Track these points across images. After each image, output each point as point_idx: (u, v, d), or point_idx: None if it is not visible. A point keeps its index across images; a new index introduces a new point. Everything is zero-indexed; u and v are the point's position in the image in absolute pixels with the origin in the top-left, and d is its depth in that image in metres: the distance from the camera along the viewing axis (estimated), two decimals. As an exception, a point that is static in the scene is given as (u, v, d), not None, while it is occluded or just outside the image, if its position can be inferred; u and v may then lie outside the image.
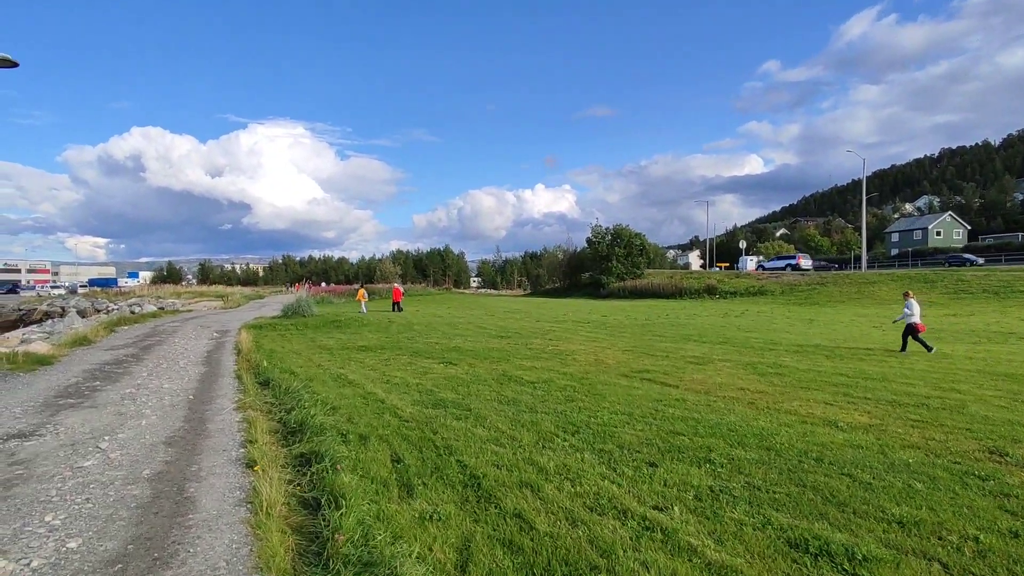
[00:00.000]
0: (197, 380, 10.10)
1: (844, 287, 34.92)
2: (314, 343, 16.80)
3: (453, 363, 12.30)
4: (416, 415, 7.54)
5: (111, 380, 9.86)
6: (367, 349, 15.08)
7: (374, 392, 9.12)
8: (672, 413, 7.53)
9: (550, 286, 62.77)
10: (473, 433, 6.60)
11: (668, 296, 40.99)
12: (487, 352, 13.98)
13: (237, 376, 10.42)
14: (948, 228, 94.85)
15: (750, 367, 11.59)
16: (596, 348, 14.82)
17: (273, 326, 21.40)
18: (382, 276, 68.44)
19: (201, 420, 7.05)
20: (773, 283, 39.20)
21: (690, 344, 15.78)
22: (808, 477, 5.09)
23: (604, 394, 8.80)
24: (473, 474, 5.24)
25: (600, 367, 11.72)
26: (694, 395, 8.83)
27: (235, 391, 9.06)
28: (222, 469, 5.20)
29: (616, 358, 13.01)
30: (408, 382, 10.06)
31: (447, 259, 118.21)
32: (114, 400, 8.17)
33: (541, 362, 12.39)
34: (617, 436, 6.42)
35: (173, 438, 6.20)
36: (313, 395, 8.41)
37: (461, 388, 9.41)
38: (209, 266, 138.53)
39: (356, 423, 7.07)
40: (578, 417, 7.31)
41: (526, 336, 17.87)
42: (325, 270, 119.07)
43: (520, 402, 8.26)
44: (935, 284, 31.63)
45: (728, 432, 6.60)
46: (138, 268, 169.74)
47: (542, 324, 22.77)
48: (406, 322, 23.35)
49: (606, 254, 49.21)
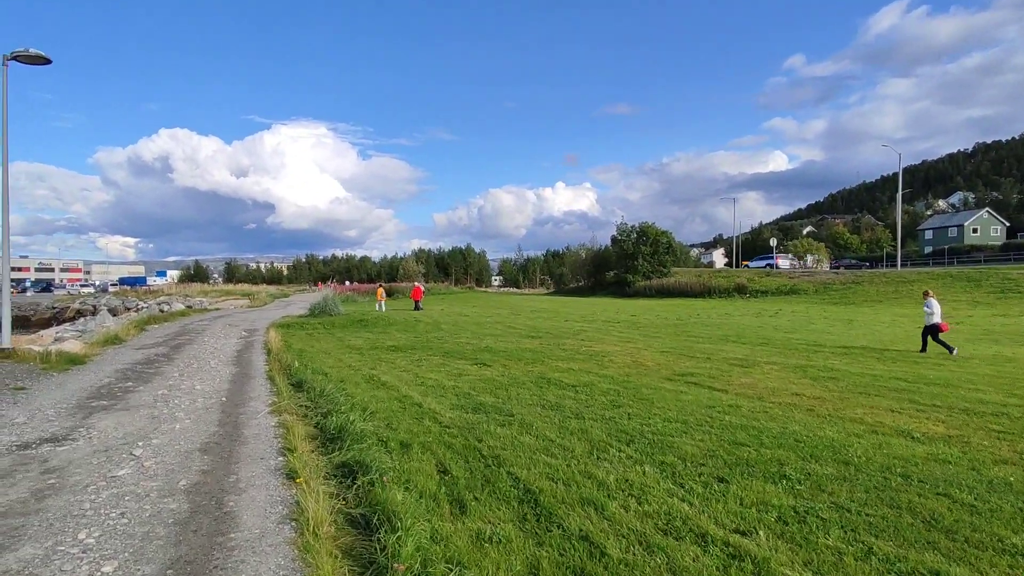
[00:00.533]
0: (229, 381, 9.89)
1: (880, 286, 33.76)
2: (343, 343, 16.59)
3: (487, 364, 11.94)
4: (457, 420, 7.18)
5: (143, 381, 9.71)
6: (397, 349, 14.80)
7: (410, 395, 8.79)
8: (729, 421, 7.06)
9: (574, 285, 62.13)
10: (520, 441, 6.21)
11: (696, 295, 40.14)
12: (520, 353, 13.60)
13: (269, 377, 10.20)
14: (985, 225, 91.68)
15: (799, 370, 11.02)
16: (632, 349, 14.34)
17: (300, 325, 21.31)
18: (405, 275, 68.48)
19: (236, 424, 6.78)
20: (805, 282, 38.10)
21: (730, 345, 15.20)
22: (900, 497, 4.59)
23: (652, 399, 8.35)
24: (527, 488, 4.85)
25: (640, 369, 11.25)
26: (747, 401, 8.33)
27: (268, 393, 8.82)
28: (261, 480, 4.89)
29: (655, 360, 12.53)
30: (443, 384, 9.71)
31: (468, 258, 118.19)
32: (147, 402, 7.97)
33: (578, 364, 11.96)
34: (676, 447, 5.97)
35: (208, 444, 5.92)
36: (348, 398, 8.11)
37: (500, 391, 9.04)
38: (235, 265, 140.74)
39: (396, 429, 6.74)
40: (629, 425, 6.88)
41: (558, 336, 17.44)
42: (348, 268, 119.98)
43: (564, 407, 7.86)
44: (979, 283, 30.36)
45: (795, 443, 6.11)
46: (166, 267, 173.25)
47: (571, 324, 22.32)
48: (433, 321, 23.09)
49: (632, 252, 48.45)
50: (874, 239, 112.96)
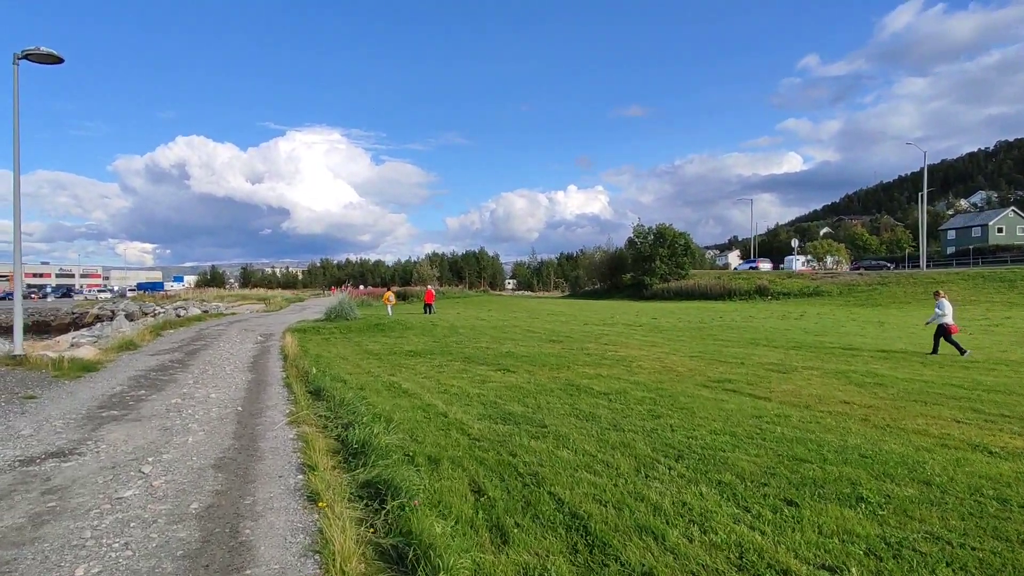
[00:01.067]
0: (245, 389, 9.50)
1: (908, 287, 32.78)
2: (360, 348, 16.20)
3: (510, 370, 11.45)
4: (486, 432, 6.70)
5: (156, 389, 9.34)
6: (416, 354, 14.37)
7: (433, 404, 8.32)
8: (781, 433, 6.50)
9: (590, 287, 61.48)
10: (558, 456, 5.71)
11: (716, 297, 39.34)
12: (543, 358, 13.09)
13: (286, 384, 9.79)
14: (1011, 224, 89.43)
15: (842, 376, 10.41)
16: (659, 354, 13.77)
17: (317, 330, 20.98)
18: (420, 278, 68.26)
19: (252, 437, 6.35)
20: (829, 284, 37.14)
21: (760, 349, 14.57)
22: (1007, 527, 4.02)
23: (692, 408, 7.80)
24: (574, 512, 4.35)
25: (672, 375, 10.70)
26: (794, 410, 7.76)
27: (285, 402, 8.40)
28: (280, 503, 4.44)
29: (686, 365, 11.96)
30: (467, 392, 9.24)
31: (482, 261, 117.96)
32: (159, 412, 7.58)
33: (605, 369, 11.43)
34: (730, 463, 5.44)
35: (223, 460, 5.49)
36: (370, 407, 7.67)
37: (528, 400, 8.54)
38: (250, 270, 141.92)
39: (421, 442, 6.27)
40: (674, 437, 6.34)
41: (579, 340, 16.91)
42: (362, 273, 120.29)
43: (599, 417, 7.34)
44: (1014, 284, 29.29)
45: (861, 459, 5.54)
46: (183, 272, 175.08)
47: (591, 327, 21.77)
48: (450, 326, 22.66)
49: (649, 254, 47.70)
50: (894, 240, 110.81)
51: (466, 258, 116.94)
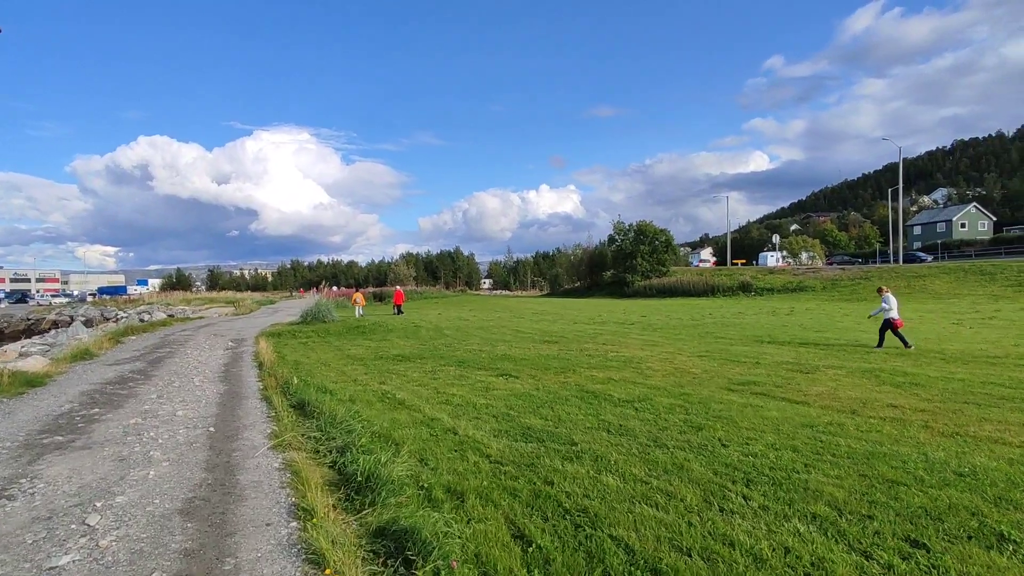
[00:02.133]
0: (217, 403, 8.32)
1: (890, 281, 32.79)
2: (342, 352, 15.02)
3: (513, 376, 10.47)
4: (508, 453, 5.72)
5: (113, 405, 8.10)
6: (404, 359, 13.27)
7: (437, 417, 7.30)
8: (847, 446, 5.67)
9: (569, 286, 60.79)
10: (604, 484, 4.76)
11: (699, 294, 38.96)
12: (544, 361, 12.15)
13: (264, 397, 8.64)
14: (973, 220, 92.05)
15: (871, 376, 9.71)
16: (664, 354, 12.96)
17: (293, 333, 19.67)
18: (396, 278, 66.69)
19: (228, 467, 5.24)
20: (812, 279, 37.07)
21: (769, 347, 13.88)
22: None
23: (731, 417, 6.95)
24: (654, 568, 3.41)
25: (689, 378, 9.86)
26: (843, 416, 6.97)
27: (265, 419, 7.27)
28: (272, 567, 3.39)
29: (698, 366, 11.16)
30: (473, 402, 8.23)
31: (458, 260, 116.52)
32: (114, 436, 6.39)
33: (615, 372, 10.55)
34: (813, 488, 4.56)
35: (193, 502, 4.40)
36: (366, 425, 6.60)
37: (543, 411, 7.58)
38: (218, 272, 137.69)
39: (436, 469, 5.26)
40: (730, 455, 5.46)
41: (575, 340, 16.02)
42: (335, 274, 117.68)
43: (633, 431, 6.42)
44: (995, 277, 29.49)
45: (959, 478, 4.73)
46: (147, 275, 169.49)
47: (581, 326, 20.93)
48: (434, 327, 21.56)
49: (631, 251, 47.15)
50: (862, 236, 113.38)
51: (441, 258, 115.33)
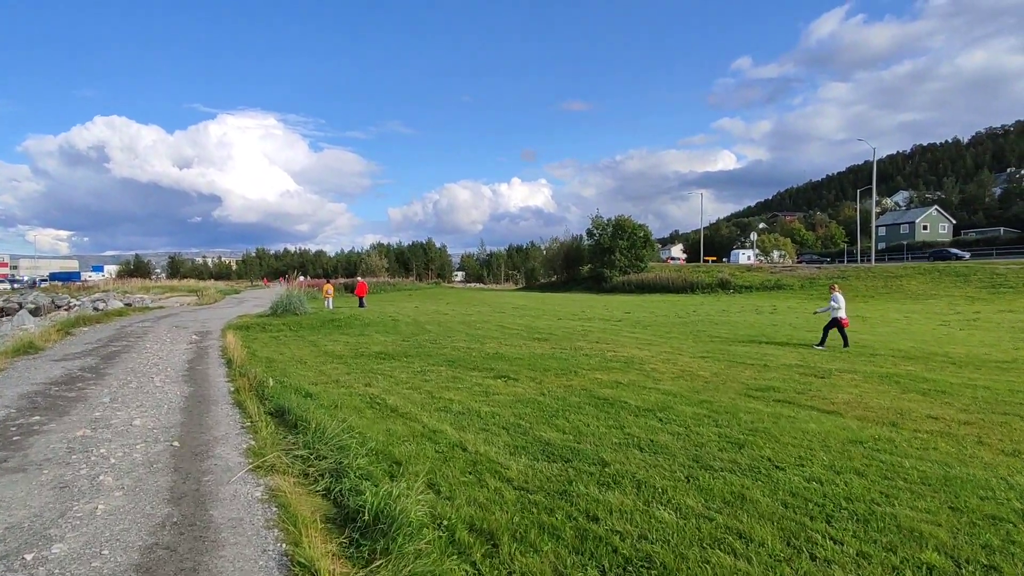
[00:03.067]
0: (181, 409, 7.27)
1: (867, 281, 33.09)
2: (318, 348, 13.95)
3: (511, 377, 9.65)
4: (533, 476, 4.91)
5: (56, 412, 6.98)
6: (388, 357, 12.31)
7: (440, 429, 6.43)
8: (913, 469, 5.04)
9: (545, 280, 60.16)
10: (660, 521, 3.99)
11: (678, 291, 38.74)
12: (539, 361, 11.37)
13: (236, 402, 7.62)
14: (934, 222, 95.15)
15: (890, 381, 9.22)
16: (663, 354, 12.33)
17: (262, 326, 18.42)
18: (368, 269, 65.00)
19: (199, 499, 4.29)
20: (789, 277, 37.22)
21: (768, 347, 13.39)
22: None
23: (766, 430, 6.27)
24: (768, 650, 2.64)
25: (700, 383, 9.21)
26: (882, 429, 6.39)
27: (239, 429, 6.29)
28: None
29: (704, 368, 10.54)
30: (475, 410, 7.38)
31: (430, 252, 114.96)
32: (55, 454, 5.34)
33: (619, 375, 9.83)
34: (906, 527, 3.88)
35: (153, 552, 3.45)
36: (360, 439, 5.70)
37: (558, 420, 6.78)
38: (179, 260, 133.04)
39: (451, 497, 4.41)
40: (790, 480, 4.75)
41: (565, 338, 15.29)
42: (303, 263, 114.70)
43: (666, 447, 5.67)
44: (968, 278, 29.93)
45: (1061, 511, 4.11)
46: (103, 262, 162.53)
47: (568, 322, 20.23)
48: (413, 321, 20.57)
49: (609, 246, 46.72)
50: (828, 235, 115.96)
51: (413, 249, 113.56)
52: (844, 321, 13.32)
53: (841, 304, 13.43)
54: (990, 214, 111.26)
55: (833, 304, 13.51)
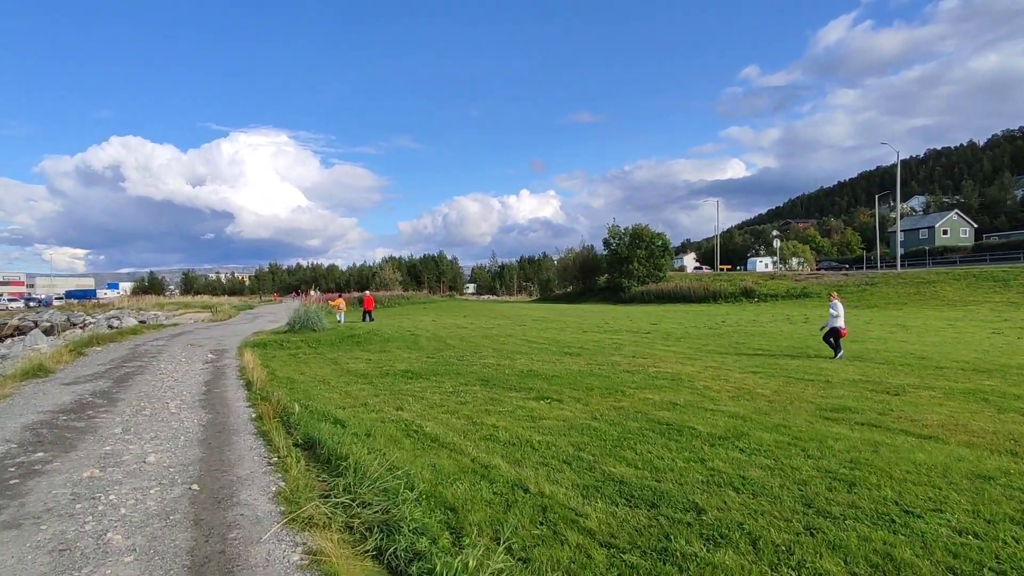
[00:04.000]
0: (199, 441, 6.55)
1: (898, 287, 31.94)
2: (340, 367, 13.24)
3: (554, 399, 8.85)
4: (617, 527, 4.10)
5: (62, 447, 6.27)
6: (415, 376, 11.56)
7: (492, 464, 5.64)
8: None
9: (560, 291, 59.27)
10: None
11: (699, 300, 37.74)
12: (579, 379, 10.57)
13: (260, 432, 6.88)
14: (955, 227, 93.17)
15: (976, 398, 8.33)
16: (708, 369, 11.50)
17: (280, 343, 17.76)
18: (381, 283, 64.51)
19: (225, 566, 3.54)
20: (816, 284, 36.13)
21: (819, 361, 12.48)
22: None
23: (870, 462, 5.42)
24: None
25: (762, 402, 8.38)
26: (1003, 459, 5.54)
27: (266, 466, 5.55)
28: None
29: (761, 385, 9.69)
30: (525, 438, 6.58)
31: (441, 265, 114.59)
32: (58, 503, 4.62)
33: (670, 393, 9.01)
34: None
35: (172, 648, 2.68)
36: (404, 478, 4.92)
37: (623, 451, 5.97)
38: (193, 276, 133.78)
39: (529, 559, 3.62)
40: (938, 534, 3.91)
41: (598, 352, 14.48)
42: (315, 278, 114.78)
43: (764, 486, 4.85)
44: (1008, 283, 28.69)
45: None
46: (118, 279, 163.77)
47: (595, 335, 19.40)
48: (433, 335, 19.84)
49: (626, 256, 45.80)
50: (844, 241, 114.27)
51: (425, 262, 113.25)
52: (843, 331, 12.99)
53: (840, 312, 13.04)
54: (1013, 217, 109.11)
55: (832, 312, 13.10)
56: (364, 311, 28.56)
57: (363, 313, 28.40)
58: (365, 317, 27.79)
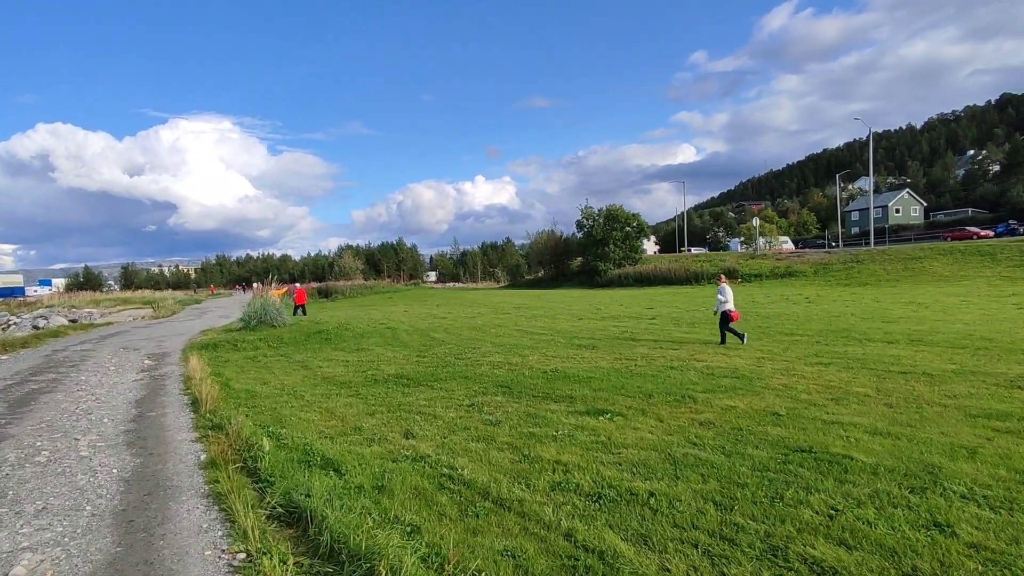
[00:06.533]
0: (114, 517, 4.14)
1: (886, 264, 31.22)
2: (312, 371, 10.78)
3: (613, 412, 6.73)
4: None
5: None
6: (411, 382, 9.24)
7: (606, 547, 3.47)
8: None
9: (531, 276, 57.23)
10: None
11: (681, 282, 36.35)
12: (621, 381, 8.49)
13: (215, 495, 4.51)
14: (907, 205, 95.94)
15: None
16: (763, 361, 9.68)
17: (234, 344, 15.02)
18: (342, 272, 60.92)
19: None
20: (799, 263, 35.21)
21: (879, 347, 10.78)
22: None
23: None
24: None
25: (877, 404, 6.54)
26: None
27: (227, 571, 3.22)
28: None
29: (849, 381, 7.87)
30: (624, 487, 4.42)
31: (401, 253, 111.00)
32: None
33: (752, 399, 7.06)
34: None
35: None
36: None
37: (799, 511, 3.88)
38: (133, 270, 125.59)
39: None
40: None
41: (617, 344, 12.48)
42: (267, 269, 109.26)
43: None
44: (995, 257, 28.25)
45: None
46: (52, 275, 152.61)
47: (594, 323, 17.41)
48: (414, 329, 17.45)
49: (601, 238, 43.99)
50: (800, 222, 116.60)
51: (383, 250, 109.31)
52: (734, 315, 12.15)
53: (729, 297, 12.27)
54: (956, 196, 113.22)
55: (720, 297, 12.33)
56: (296, 305, 24.79)
57: (294, 307, 24.54)
58: (296, 311, 24.22)
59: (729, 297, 12.30)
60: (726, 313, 12.15)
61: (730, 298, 12.31)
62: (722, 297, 12.32)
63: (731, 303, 12.26)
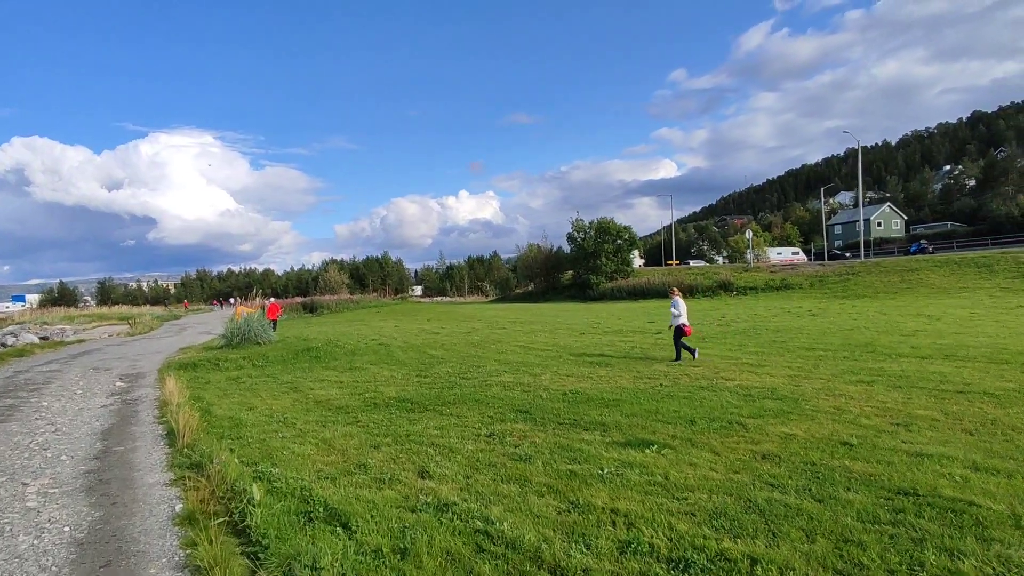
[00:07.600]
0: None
1: (882, 276, 30.92)
2: (303, 394, 9.77)
3: (659, 444, 5.86)
4: None
5: None
6: (416, 407, 8.28)
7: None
8: None
9: (521, 290, 56.37)
10: None
11: (675, 295, 35.77)
12: (653, 405, 7.64)
13: (193, 569, 3.53)
14: (888, 219, 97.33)
15: None
16: (800, 380, 8.87)
17: (215, 363, 13.90)
18: (327, 286, 59.51)
19: None
20: (794, 276, 34.83)
21: (913, 362, 10.07)
22: None
23: None
24: None
25: (953, 431, 5.76)
26: None
27: None
28: None
29: (904, 403, 7.12)
30: (711, 551, 3.54)
31: (386, 267, 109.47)
32: None
33: (810, 425, 6.27)
34: None
35: None
36: None
37: (950, 585, 3.03)
38: (110, 285, 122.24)
39: None
40: None
41: (632, 361, 11.66)
42: (249, 283, 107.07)
43: None
44: (993, 269, 28.04)
45: None
46: (27, 291, 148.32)
47: (598, 338, 16.59)
48: (409, 345, 16.46)
49: (593, 251, 43.32)
50: (784, 235, 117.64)
51: (369, 264, 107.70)
52: (687, 329, 11.78)
53: (682, 311, 11.92)
54: (934, 210, 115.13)
55: (674, 311, 11.99)
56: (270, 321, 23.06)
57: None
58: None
59: (683, 311, 11.95)
60: (680, 327, 11.77)
61: (683, 312, 11.94)
62: (675, 311, 11.96)
63: (684, 317, 11.91)
